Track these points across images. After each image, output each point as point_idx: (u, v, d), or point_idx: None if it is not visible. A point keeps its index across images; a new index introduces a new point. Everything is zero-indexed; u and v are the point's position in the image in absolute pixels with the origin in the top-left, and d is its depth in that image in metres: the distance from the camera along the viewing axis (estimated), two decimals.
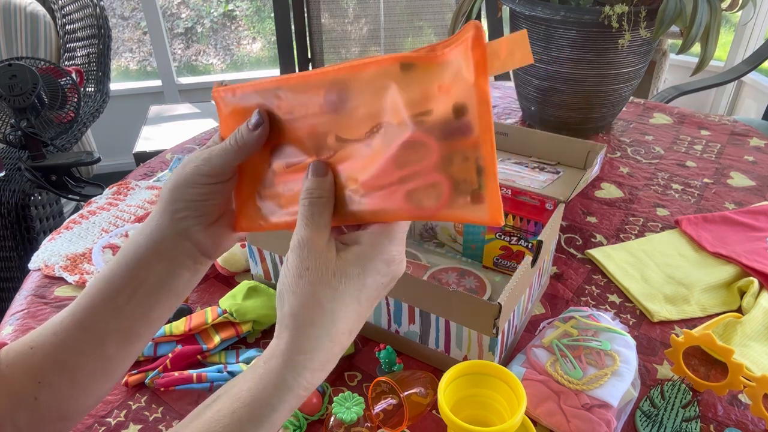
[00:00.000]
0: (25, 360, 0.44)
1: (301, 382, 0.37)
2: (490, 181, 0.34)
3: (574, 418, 0.59)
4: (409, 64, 0.35)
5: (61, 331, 0.44)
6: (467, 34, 0.32)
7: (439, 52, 0.34)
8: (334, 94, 0.39)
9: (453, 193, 0.35)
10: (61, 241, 0.91)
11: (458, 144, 0.34)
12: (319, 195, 0.39)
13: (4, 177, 1.52)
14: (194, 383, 0.64)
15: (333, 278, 0.37)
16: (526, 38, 0.31)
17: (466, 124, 0.34)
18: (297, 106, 0.41)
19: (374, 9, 1.90)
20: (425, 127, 0.35)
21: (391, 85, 0.36)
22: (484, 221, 0.35)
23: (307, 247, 0.38)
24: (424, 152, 0.35)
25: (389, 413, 0.62)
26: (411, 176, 0.36)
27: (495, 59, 0.32)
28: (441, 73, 0.34)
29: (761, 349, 0.71)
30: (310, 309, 0.37)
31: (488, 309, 0.59)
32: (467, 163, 0.34)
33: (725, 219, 0.96)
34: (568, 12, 1.04)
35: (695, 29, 0.97)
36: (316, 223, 0.38)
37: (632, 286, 0.82)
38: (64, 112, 1.47)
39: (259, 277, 0.81)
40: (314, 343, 0.37)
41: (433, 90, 0.34)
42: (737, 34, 2.55)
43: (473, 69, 0.32)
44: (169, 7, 2.69)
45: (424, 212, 0.37)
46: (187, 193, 0.43)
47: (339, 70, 0.38)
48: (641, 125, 1.31)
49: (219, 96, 0.45)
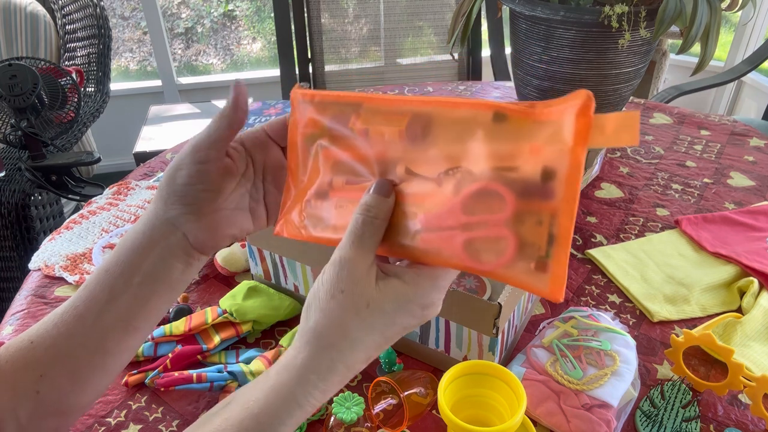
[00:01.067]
0: (25, 354, 0.44)
1: (310, 400, 0.37)
2: (561, 253, 0.32)
3: (574, 418, 0.59)
4: (502, 114, 0.33)
5: (61, 323, 0.44)
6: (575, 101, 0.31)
7: (538, 110, 0.32)
8: (417, 125, 0.37)
9: (517, 255, 0.34)
10: (61, 241, 0.91)
11: (536, 206, 0.33)
12: (376, 215, 0.37)
13: (4, 177, 1.52)
14: (194, 383, 0.64)
15: (365, 309, 0.36)
16: (638, 120, 0.29)
17: (550, 189, 0.32)
18: (374, 126, 0.39)
19: (374, 9, 1.90)
20: (506, 180, 0.33)
21: (478, 132, 0.34)
22: (543, 293, 0.33)
23: (348, 269, 0.37)
24: (498, 204, 0.34)
25: (389, 413, 0.62)
26: (476, 225, 0.35)
27: (599, 133, 0.30)
28: (535, 132, 0.32)
29: (761, 349, 0.71)
30: (334, 333, 0.36)
31: (488, 309, 0.59)
32: (540, 228, 0.33)
33: (725, 219, 0.96)
34: (568, 12, 1.04)
35: (695, 29, 0.97)
36: (365, 245, 0.37)
37: (632, 286, 0.82)
38: (64, 112, 1.47)
39: (259, 277, 0.81)
40: (330, 367, 0.37)
41: (522, 147, 0.33)
42: (737, 34, 2.55)
43: (573, 136, 0.31)
44: (169, 7, 2.69)
45: (480, 266, 0.35)
46: (177, 177, 0.43)
47: (428, 103, 0.37)
48: (641, 125, 1.31)
49: (297, 98, 0.44)
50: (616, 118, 0.30)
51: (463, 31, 1.17)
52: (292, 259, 0.74)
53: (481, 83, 1.56)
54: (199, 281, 0.84)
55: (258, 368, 0.65)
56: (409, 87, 1.50)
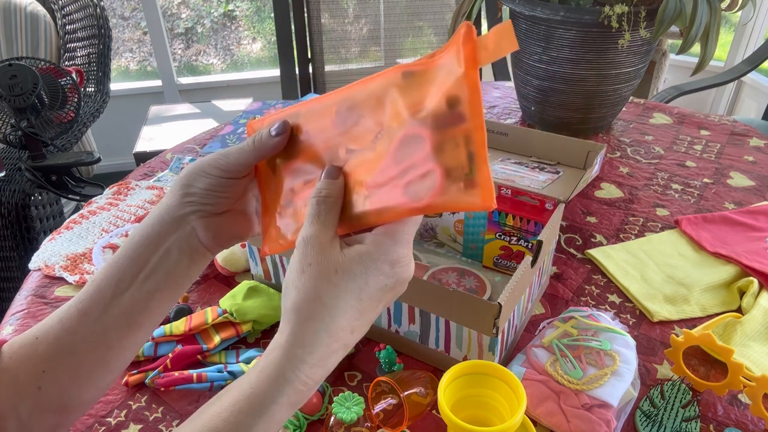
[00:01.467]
0: (29, 350, 0.45)
1: (299, 376, 0.37)
2: (482, 165, 0.35)
3: (574, 418, 0.59)
4: (409, 72, 0.37)
5: (66, 319, 0.45)
6: (459, 33, 0.34)
7: (436, 57, 0.36)
8: (343, 109, 0.41)
9: (446, 181, 0.36)
10: (62, 241, 0.91)
11: (450, 132, 0.36)
12: (327, 194, 0.40)
13: (4, 177, 1.52)
14: (194, 383, 0.64)
15: (335, 275, 0.38)
16: (511, 27, 0.32)
17: (458, 114, 0.35)
18: (313, 126, 0.43)
19: (374, 9, 1.90)
20: (419, 121, 0.37)
21: (392, 91, 0.38)
22: (477, 206, 0.36)
23: (311, 244, 0.39)
24: (420, 145, 0.37)
25: (389, 413, 0.62)
26: (408, 169, 0.38)
27: (483, 51, 0.34)
28: (437, 75, 0.36)
29: (761, 349, 0.71)
30: (310, 303, 0.38)
31: (488, 309, 0.59)
32: (458, 150, 0.35)
33: (725, 219, 0.96)
34: (568, 12, 1.04)
35: (695, 29, 0.97)
36: (322, 221, 0.40)
37: (632, 286, 0.82)
38: (64, 112, 1.47)
39: (259, 277, 0.81)
40: (313, 337, 0.38)
41: (429, 91, 0.36)
42: (737, 34, 2.55)
43: (464, 62, 0.34)
44: (169, 7, 2.69)
45: (421, 203, 0.38)
46: (200, 181, 0.45)
47: (348, 87, 0.41)
48: (641, 125, 1.31)
49: (252, 129, 0.48)
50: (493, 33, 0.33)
51: None
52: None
53: (481, 83, 1.56)
54: (199, 281, 0.84)
55: None
56: None
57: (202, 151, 1.19)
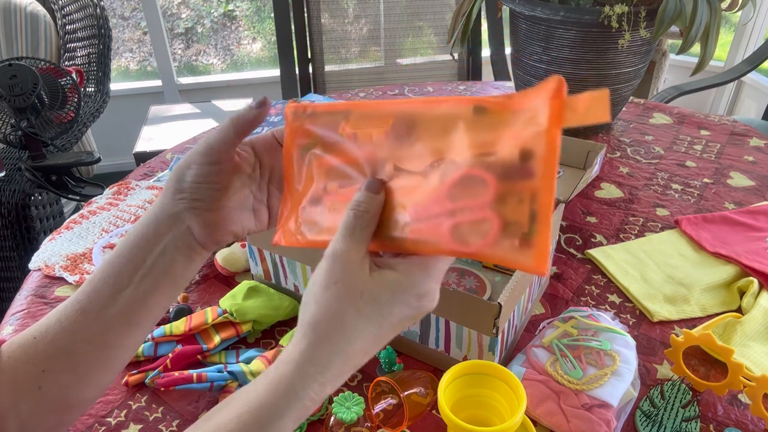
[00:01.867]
0: (28, 350, 0.45)
1: (309, 393, 0.37)
2: (543, 228, 0.33)
3: (574, 418, 0.59)
4: (482, 107, 0.35)
5: (64, 318, 0.45)
6: (549, 84, 0.33)
7: (515, 100, 0.34)
8: (402, 124, 0.39)
9: (501, 234, 0.35)
10: (62, 241, 0.91)
11: (517, 186, 0.34)
12: (366, 209, 0.38)
13: (4, 177, 1.52)
14: (194, 383, 0.64)
15: (360, 299, 0.37)
16: (607, 98, 0.31)
17: (529, 169, 0.33)
18: (362, 130, 0.41)
19: (374, 9, 1.90)
20: (487, 164, 0.35)
21: (460, 124, 0.36)
22: (528, 268, 0.34)
23: (341, 260, 0.37)
24: (480, 189, 0.35)
25: (389, 413, 0.62)
26: (461, 210, 0.36)
27: (571, 112, 0.32)
28: (513, 120, 0.34)
29: (761, 349, 0.71)
30: (330, 323, 0.37)
31: (488, 309, 0.59)
32: (522, 206, 0.34)
33: (725, 219, 0.96)
34: (568, 12, 1.04)
35: (695, 29, 0.97)
36: (356, 237, 0.38)
37: (632, 286, 0.82)
38: (64, 112, 1.47)
39: (259, 277, 0.81)
40: (328, 358, 0.37)
41: (502, 134, 0.34)
42: (737, 34, 2.55)
43: (548, 118, 0.32)
44: (169, 7, 2.69)
45: (467, 248, 0.36)
46: (188, 174, 0.45)
47: (412, 103, 0.39)
48: (641, 125, 1.31)
49: (291, 111, 0.46)
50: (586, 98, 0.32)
51: (463, 31, 1.17)
52: (292, 259, 0.74)
53: (481, 83, 1.56)
54: (199, 281, 0.84)
55: (258, 368, 0.65)
56: (409, 87, 1.50)
57: None
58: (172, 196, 0.45)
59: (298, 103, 0.46)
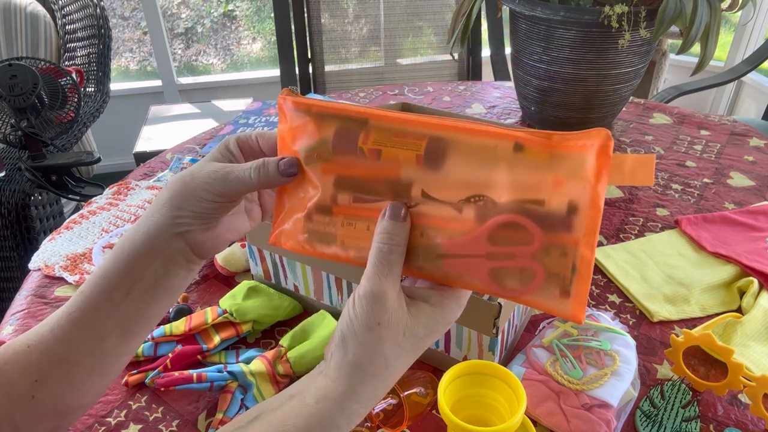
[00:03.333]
0: (22, 358, 0.44)
1: (350, 425, 0.38)
2: (582, 282, 0.35)
3: (574, 418, 0.59)
4: (521, 146, 0.35)
5: (58, 328, 0.44)
6: (596, 139, 0.33)
7: (555, 142, 0.34)
8: (435, 150, 0.37)
9: (544, 283, 0.36)
10: (61, 241, 0.91)
11: (560, 239, 0.35)
12: (398, 243, 0.38)
13: (4, 177, 1.52)
14: (194, 383, 0.64)
15: (402, 337, 0.38)
16: (653, 162, 0.32)
17: (573, 222, 0.34)
18: (385, 146, 0.39)
19: (374, 9, 1.90)
20: (532, 213, 0.35)
21: (500, 162, 0.36)
22: (566, 316, 0.35)
23: (381, 301, 0.37)
24: (524, 237, 0.36)
25: (389, 413, 0.62)
26: (502, 255, 0.36)
27: (617, 172, 0.33)
28: (555, 165, 0.34)
29: (761, 349, 0.71)
30: (375, 364, 0.38)
31: (488, 309, 0.59)
32: (565, 259, 0.35)
33: (725, 219, 0.96)
34: (568, 12, 1.04)
35: (695, 29, 0.97)
36: (393, 275, 0.38)
37: (632, 286, 0.82)
38: (64, 112, 1.47)
39: (259, 277, 0.81)
40: (372, 394, 0.38)
41: (544, 179, 0.35)
42: (737, 34, 2.56)
43: (594, 174, 0.33)
44: (169, 7, 2.69)
45: (504, 292, 0.37)
46: (193, 205, 0.43)
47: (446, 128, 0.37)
48: (641, 125, 1.31)
49: (288, 107, 0.42)
50: (633, 159, 0.32)
51: (463, 31, 1.17)
52: (292, 259, 0.74)
53: (481, 83, 1.56)
54: (199, 281, 0.84)
55: (258, 368, 0.65)
56: (409, 87, 1.50)
57: (202, 151, 1.19)
58: (170, 220, 0.43)
59: (296, 96, 0.42)
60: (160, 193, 0.45)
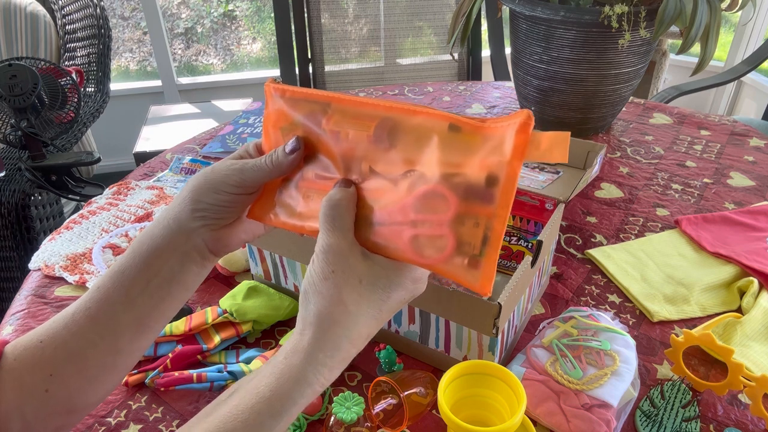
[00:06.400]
0: (34, 353, 0.45)
1: (319, 378, 0.39)
2: (492, 253, 0.36)
3: (574, 418, 0.59)
4: (456, 126, 0.37)
5: (72, 324, 0.45)
6: (517, 118, 0.34)
7: (487, 125, 0.36)
8: (383, 129, 0.41)
9: (454, 252, 0.37)
10: (61, 241, 0.91)
11: (475, 209, 0.37)
12: (339, 201, 0.40)
13: (4, 177, 1.52)
14: (194, 383, 0.64)
15: (359, 284, 0.39)
16: (568, 139, 0.33)
17: (489, 195, 0.36)
18: (343, 127, 0.43)
19: (374, 9, 1.90)
20: (452, 184, 0.37)
21: (434, 139, 0.38)
22: (473, 287, 0.37)
23: (332, 252, 0.39)
24: (443, 206, 0.38)
25: (389, 413, 0.62)
26: (422, 223, 0.39)
27: (534, 149, 0.34)
28: (482, 145, 0.36)
29: (761, 349, 0.71)
30: (335, 310, 0.39)
31: (488, 309, 0.59)
32: (477, 229, 0.37)
33: (725, 219, 0.96)
34: (568, 12, 1.04)
35: (695, 29, 0.97)
36: (339, 227, 0.40)
37: (632, 286, 0.82)
38: (64, 112, 1.47)
39: (259, 277, 0.81)
40: (335, 342, 0.39)
41: (470, 157, 0.37)
42: (737, 34, 2.56)
43: (512, 150, 0.35)
44: (169, 7, 2.69)
45: (423, 260, 0.39)
46: (212, 198, 0.45)
47: (393, 109, 0.40)
48: (641, 125, 1.31)
49: (270, 92, 0.47)
50: (549, 136, 0.34)
51: (463, 31, 1.17)
52: (292, 259, 0.74)
53: (481, 83, 1.56)
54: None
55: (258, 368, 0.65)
56: (409, 87, 1.50)
57: (202, 151, 1.19)
58: (190, 213, 0.46)
59: (278, 84, 0.47)
60: (182, 190, 0.47)
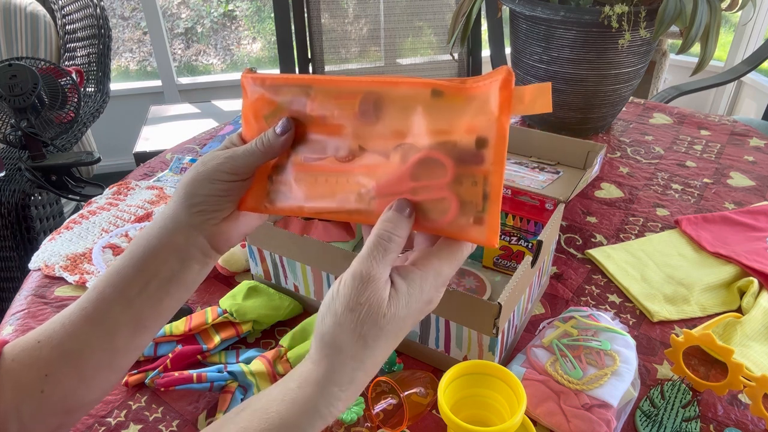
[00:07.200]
0: (32, 354, 0.45)
1: (331, 411, 0.38)
2: (493, 207, 0.38)
3: (574, 418, 0.59)
4: (439, 91, 0.38)
5: (69, 324, 0.45)
6: (498, 76, 0.35)
7: (468, 85, 0.37)
8: (367, 104, 0.41)
9: (459, 212, 0.38)
10: (61, 241, 0.91)
11: (471, 169, 0.38)
12: (399, 235, 0.39)
13: (4, 177, 1.52)
14: (194, 383, 0.64)
15: (382, 319, 0.38)
16: (549, 89, 0.34)
17: (482, 154, 0.37)
18: (328, 107, 0.43)
19: (374, 9, 1.90)
20: (446, 148, 0.38)
21: (419, 107, 0.39)
22: (481, 242, 0.38)
23: (367, 284, 0.37)
24: (440, 170, 0.39)
25: (389, 413, 0.62)
26: (422, 189, 0.39)
27: (518, 103, 0.35)
28: (467, 105, 0.37)
29: (761, 349, 0.71)
30: (354, 345, 0.37)
31: (488, 309, 0.59)
32: (476, 188, 0.38)
33: (725, 219, 0.96)
34: (568, 12, 1.04)
35: (695, 29, 0.97)
36: (386, 262, 0.38)
37: (632, 286, 0.82)
38: (64, 112, 1.47)
39: (259, 277, 0.81)
40: (351, 376, 0.38)
41: (458, 119, 0.37)
42: (737, 34, 2.56)
43: (498, 107, 0.36)
44: (169, 7, 2.69)
45: (429, 224, 0.40)
46: (207, 188, 0.45)
47: (373, 83, 0.41)
48: (641, 125, 1.31)
49: (247, 82, 0.47)
50: (532, 89, 0.35)
51: (463, 31, 1.17)
52: (292, 259, 0.74)
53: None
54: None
55: (258, 368, 0.65)
56: None
57: (202, 151, 1.19)
58: (187, 209, 0.45)
59: (255, 74, 0.47)
60: (176, 190, 0.46)
